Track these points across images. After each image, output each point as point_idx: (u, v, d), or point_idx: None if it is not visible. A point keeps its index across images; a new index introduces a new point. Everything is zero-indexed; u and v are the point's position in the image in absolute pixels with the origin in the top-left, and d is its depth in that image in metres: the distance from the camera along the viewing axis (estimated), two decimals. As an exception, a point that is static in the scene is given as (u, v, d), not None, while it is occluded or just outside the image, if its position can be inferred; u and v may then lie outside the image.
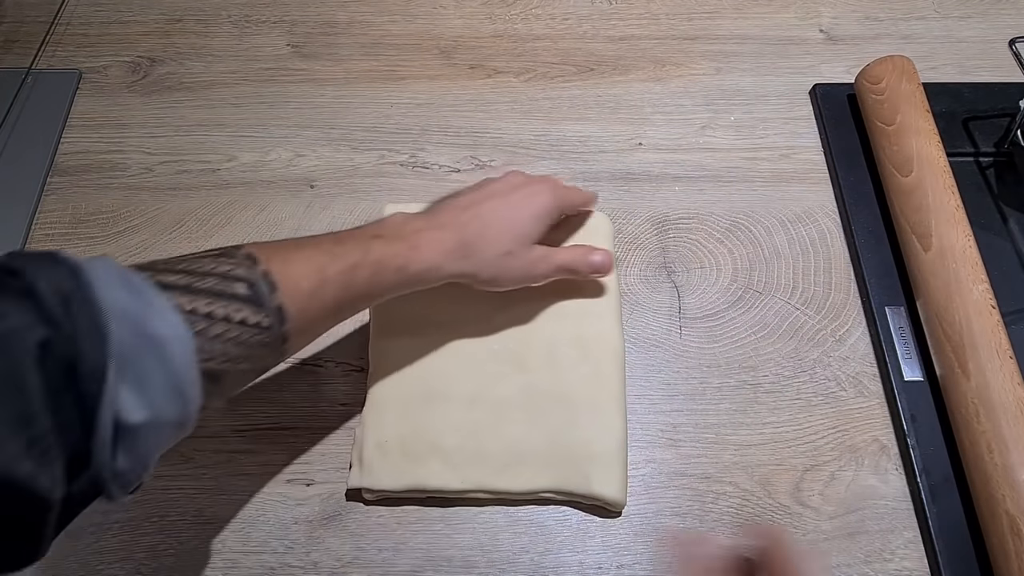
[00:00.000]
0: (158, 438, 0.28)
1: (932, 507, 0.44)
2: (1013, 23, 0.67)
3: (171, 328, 0.28)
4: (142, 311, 0.27)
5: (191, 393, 0.29)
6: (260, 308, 0.32)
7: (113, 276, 0.28)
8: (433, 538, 0.44)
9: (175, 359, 0.28)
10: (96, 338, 0.26)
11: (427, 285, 0.41)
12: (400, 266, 0.39)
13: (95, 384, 0.25)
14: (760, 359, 0.50)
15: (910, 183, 0.52)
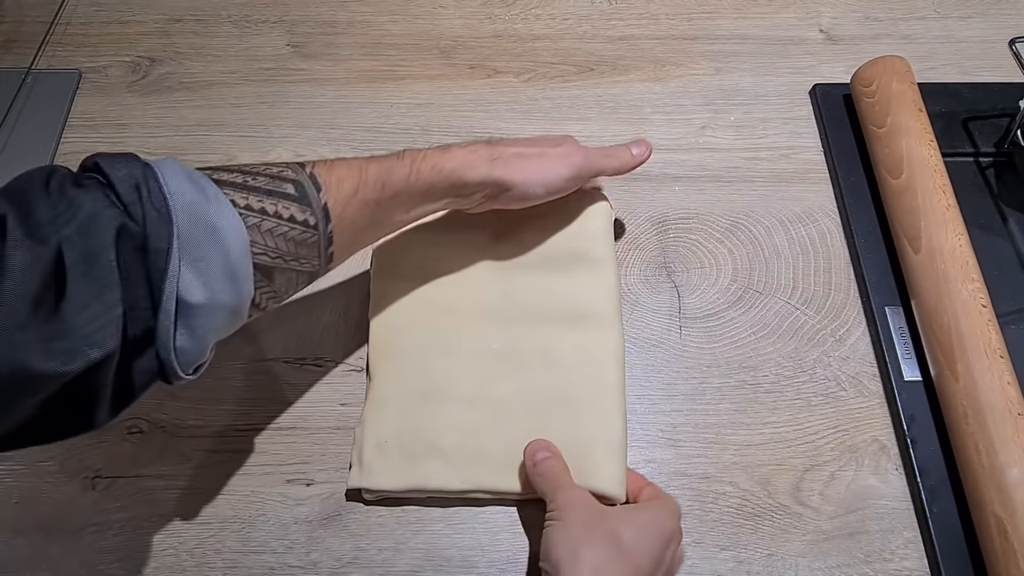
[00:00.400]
0: (214, 320, 0.31)
1: (932, 507, 0.44)
2: (1013, 23, 0.67)
3: (227, 219, 0.31)
4: (203, 202, 0.31)
5: (244, 281, 0.32)
6: (307, 206, 0.35)
7: (178, 171, 0.31)
8: (433, 538, 0.44)
9: (231, 247, 0.31)
10: (162, 222, 0.29)
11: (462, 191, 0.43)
12: (434, 164, 0.41)
13: (161, 261, 0.29)
14: (760, 359, 0.50)
15: (900, 185, 0.52)
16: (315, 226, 0.35)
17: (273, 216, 0.34)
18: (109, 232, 0.28)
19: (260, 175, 0.35)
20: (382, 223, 0.41)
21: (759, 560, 0.43)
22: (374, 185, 0.38)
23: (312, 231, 0.35)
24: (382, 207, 0.39)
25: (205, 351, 0.32)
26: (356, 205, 0.38)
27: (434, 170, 0.41)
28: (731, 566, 0.43)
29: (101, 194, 0.29)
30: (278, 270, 0.35)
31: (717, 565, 0.43)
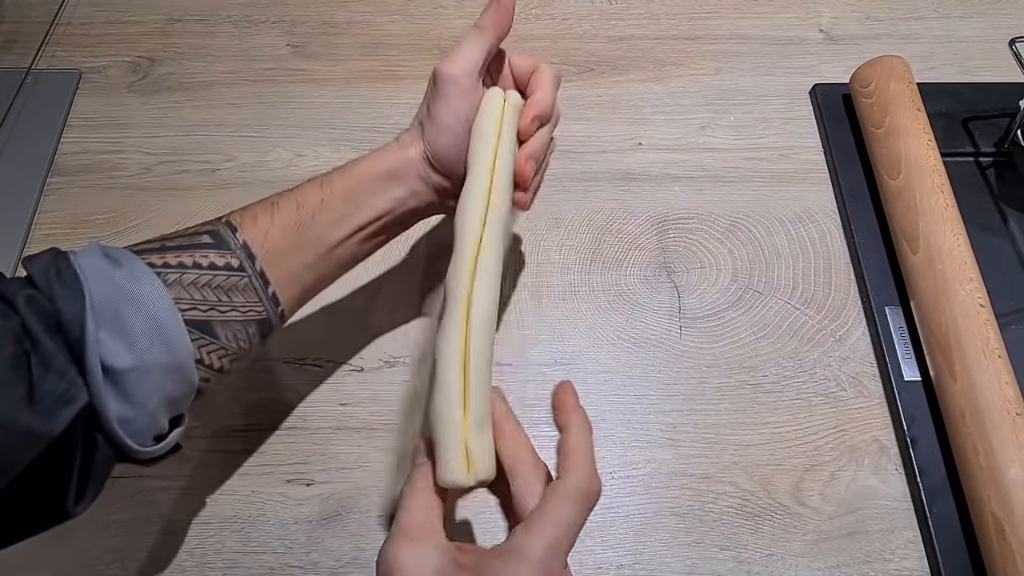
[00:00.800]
0: (150, 381, 0.30)
1: (932, 507, 0.44)
2: (1013, 23, 0.67)
3: (142, 280, 0.31)
4: (114, 270, 0.31)
5: (176, 338, 0.31)
6: (225, 249, 0.34)
7: (94, 251, 0.31)
8: (433, 538, 0.44)
9: (151, 305, 0.31)
10: (72, 296, 0.29)
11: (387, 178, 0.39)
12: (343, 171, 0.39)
13: (76, 331, 0.28)
14: (760, 359, 0.50)
15: (898, 186, 0.52)
16: (240, 267, 0.34)
17: (192, 268, 0.33)
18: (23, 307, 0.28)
19: (176, 236, 0.35)
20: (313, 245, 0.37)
21: (759, 560, 0.43)
22: (287, 210, 0.37)
23: (239, 273, 0.34)
24: (303, 228, 0.37)
25: (153, 418, 0.31)
26: (277, 234, 0.36)
27: (344, 175, 0.39)
28: (731, 566, 0.43)
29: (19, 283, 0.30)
30: (217, 323, 0.33)
31: (717, 565, 0.43)
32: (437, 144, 0.39)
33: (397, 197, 0.39)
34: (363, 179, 0.39)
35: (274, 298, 0.36)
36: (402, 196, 0.39)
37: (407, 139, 0.40)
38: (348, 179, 0.38)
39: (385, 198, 0.39)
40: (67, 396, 0.28)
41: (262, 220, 0.36)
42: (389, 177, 0.39)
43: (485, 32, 0.39)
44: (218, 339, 0.34)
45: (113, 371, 0.29)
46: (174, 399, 0.32)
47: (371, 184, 0.39)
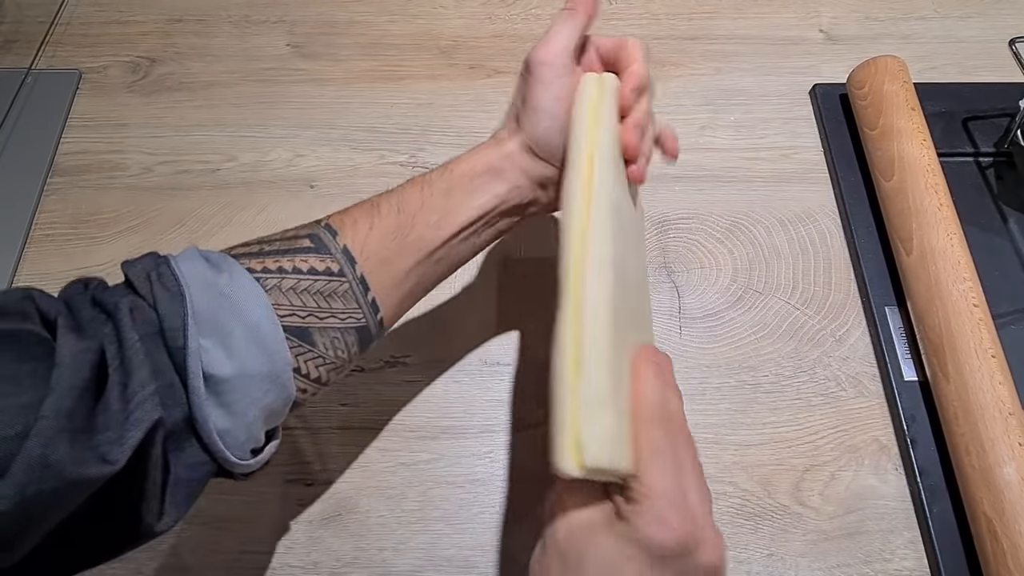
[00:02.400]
0: (250, 392, 0.30)
1: (931, 507, 0.44)
2: (1013, 23, 0.67)
3: (243, 286, 0.30)
4: (215, 275, 0.30)
5: (275, 345, 0.30)
6: (326, 254, 0.33)
7: (193, 254, 0.31)
8: (433, 538, 0.44)
9: (251, 313, 0.30)
10: (174, 300, 0.29)
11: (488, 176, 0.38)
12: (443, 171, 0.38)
13: (178, 339, 0.28)
14: (760, 359, 0.50)
15: (893, 187, 0.52)
16: (340, 272, 0.33)
17: (292, 273, 0.32)
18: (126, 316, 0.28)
19: (275, 240, 0.34)
20: (414, 249, 0.36)
21: (759, 560, 0.43)
22: (387, 213, 0.36)
23: (338, 278, 0.33)
24: (404, 231, 0.36)
25: (252, 430, 0.31)
26: (377, 238, 0.35)
27: (444, 174, 0.38)
28: (731, 566, 0.43)
29: (121, 291, 0.29)
30: (316, 330, 0.32)
31: (717, 565, 0.43)
32: (539, 129, 0.37)
33: (499, 194, 0.38)
34: (463, 178, 0.37)
35: (374, 305, 0.35)
36: (504, 192, 0.38)
37: (503, 134, 0.39)
38: (448, 179, 0.37)
39: (487, 196, 0.38)
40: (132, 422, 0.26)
41: (362, 224, 0.35)
42: (490, 174, 0.38)
43: (576, 14, 0.38)
44: (316, 347, 0.33)
45: (214, 379, 0.29)
46: (272, 410, 0.31)
47: (472, 182, 0.37)
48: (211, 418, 0.29)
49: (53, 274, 0.53)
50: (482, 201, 0.37)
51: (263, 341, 0.30)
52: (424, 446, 0.47)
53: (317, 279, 0.33)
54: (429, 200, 0.37)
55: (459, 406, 0.49)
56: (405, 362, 0.50)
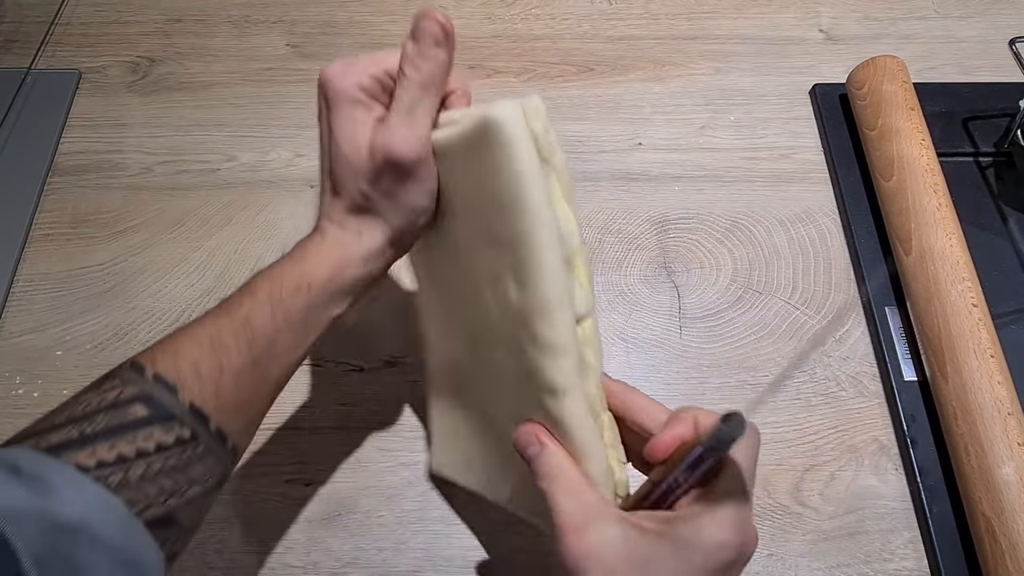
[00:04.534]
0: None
1: (931, 507, 0.44)
2: (1013, 23, 0.67)
3: (87, 500, 0.24)
4: (43, 502, 0.23)
5: (146, 556, 0.25)
6: (170, 421, 0.27)
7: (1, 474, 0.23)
8: (433, 538, 0.44)
9: (108, 534, 0.24)
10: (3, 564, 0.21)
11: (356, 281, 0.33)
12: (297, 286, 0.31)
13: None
14: (760, 359, 0.50)
15: (892, 187, 0.52)
16: (192, 436, 0.27)
17: (136, 458, 0.26)
18: None
19: (94, 413, 0.26)
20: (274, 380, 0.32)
21: (759, 560, 0.44)
22: (236, 348, 0.29)
23: (192, 444, 0.27)
24: (261, 365, 0.30)
25: None
26: (230, 383, 0.29)
27: (299, 293, 0.31)
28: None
29: None
30: (178, 509, 0.27)
31: (717, 565, 0.43)
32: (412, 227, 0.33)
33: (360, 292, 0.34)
34: (323, 292, 0.32)
35: (233, 451, 0.30)
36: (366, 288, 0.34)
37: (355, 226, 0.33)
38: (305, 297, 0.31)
39: (347, 301, 0.33)
40: None
41: (206, 369, 0.28)
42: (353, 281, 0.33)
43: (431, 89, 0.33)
44: (181, 526, 0.27)
45: None
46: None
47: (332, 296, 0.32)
48: None
49: (53, 274, 0.53)
50: (343, 307, 0.33)
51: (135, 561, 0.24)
52: (424, 446, 0.47)
53: (169, 455, 0.27)
54: (285, 324, 0.31)
55: (459, 406, 0.49)
56: (405, 362, 0.50)
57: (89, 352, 0.50)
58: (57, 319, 0.51)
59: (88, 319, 0.51)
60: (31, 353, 0.50)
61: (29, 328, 0.51)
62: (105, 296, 0.52)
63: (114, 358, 0.49)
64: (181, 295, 0.52)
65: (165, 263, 0.54)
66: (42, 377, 0.49)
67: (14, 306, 0.52)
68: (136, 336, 0.51)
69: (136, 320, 0.51)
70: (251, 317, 0.30)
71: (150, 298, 0.52)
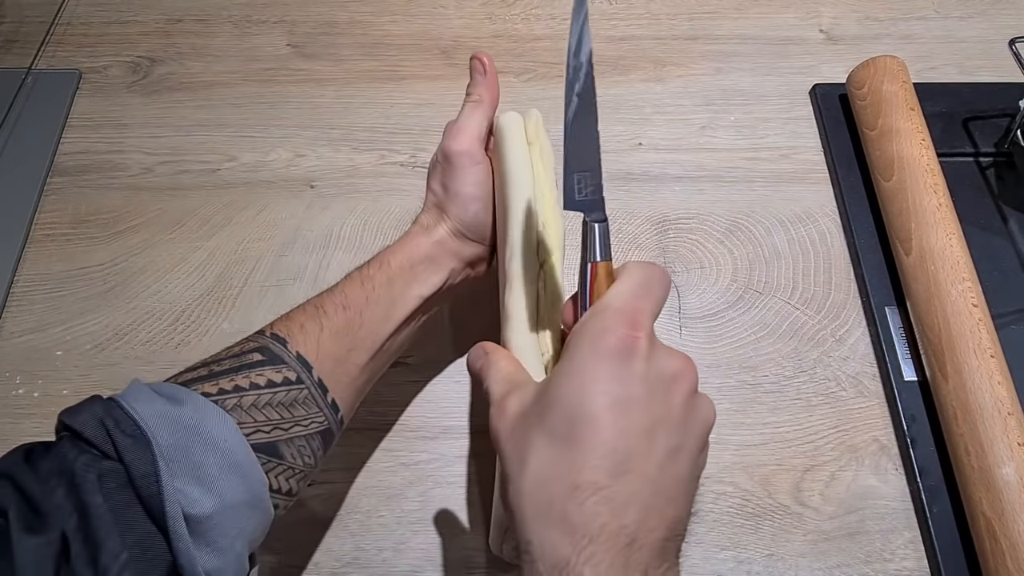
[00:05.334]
0: (234, 523, 0.29)
1: (932, 507, 0.44)
2: (1013, 23, 0.67)
3: (205, 413, 0.29)
4: (175, 409, 0.29)
5: (250, 469, 0.29)
6: (279, 364, 0.33)
7: (143, 390, 0.30)
8: (433, 538, 0.44)
9: (222, 440, 0.29)
10: (138, 446, 0.27)
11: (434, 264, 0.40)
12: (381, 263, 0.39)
13: (151, 486, 0.26)
14: (760, 359, 0.50)
15: (892, 187, 0.52)
16: (298, 380, 0.33)
17: (250, 390, 0.31)
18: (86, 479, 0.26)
19: (223, 359, 0.33)
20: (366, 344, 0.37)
21: (759, 560, 0.43)
22: (334, 312, 0.36)
23: (297, 386, 0.33)
24: (353, 327, 0.36)
25: (240, 561, 0.29)
26: (329, 338, 0.35)
27: (383, 267, 0.39)
28: (731, 566, 0.43)
29: (70, 447, 0.27)
30: (282, 442, 0.32)
31: (717, 565, 0.43)
32: (467, 215, 0.40)
33: (436, 282, 0.40)
34: (401, 270, 0.39)
35: (333, 405, 0.35)
36: (441, 279, 0.40)
37: (428, 221, 0.41)
38: (387, 272, 0.38)
39: (426, 285, 0.39)
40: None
41: (310, 327, 0.35)
42: (426, 262, 0.39)
43: (482, 104, 0.41)
44: (284, 459, 0.32)
45: (195, 519, 0.27)
46: (254, 536, 0.30)
47: (411, 272, 0.39)
48: (198, 562, 0.27)
49: (53, 274, 0.53)
50: (423, 290, 0.39)
51: (239, 467, 0.29)
52: (424, 446, 0.47)
53: (276, 391, 0.32)
54: (372, 294, 0.38)
55: (459, 406, 0.49)
56: (405, 362, 0.50)
57: (89, 352, 0.50)
58: (57, 319, 0.51)
59: (88, 319, 0.51)
60: (31, 353, 0.50)
61: (29, 328, 0.51)
62: (105, 296, 0.52)
63: (114, 358, 0.50)
64: (181, 295, 0.52)
65: (165, 263, 0.54)
66: (42, 377, 0.49)
67: (14, 306, 0.52)
68: (136, 336, 0.51)
69: (136, 320, 0.51)
70: (345, 288, 0.37)
71: (150, 298, 0.52)
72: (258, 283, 0.53)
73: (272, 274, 0.53)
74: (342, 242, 0.55)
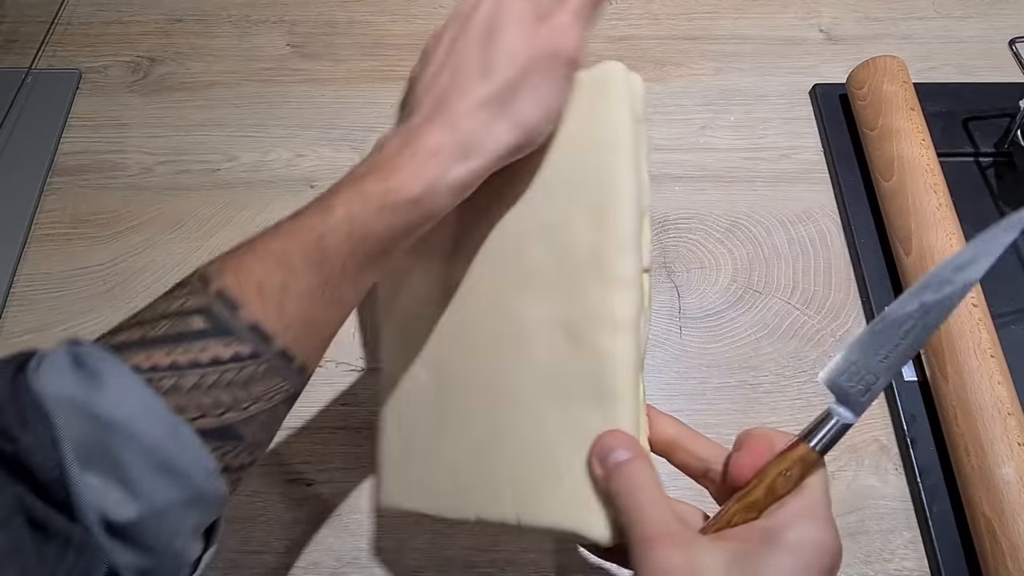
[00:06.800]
0: (167, 524, 0.25)
1: (932, 507, 0.44)
2: (1013, 23, 0.67)
3: (132, 400, 0.24)
4: (90, 393, 0.23)
5: (187, 464, 0.25)
6: (228, 336, 0.26)
7: (63, 361, 0.24)
8: (433, 538, 0.44)
9: (147, 434, 0.24)
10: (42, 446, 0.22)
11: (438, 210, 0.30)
12: (381, 205, 0.29)
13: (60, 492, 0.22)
14: (760, 359, 0.50)
15: (892, 187, 0.52)
16: (252, 355, 0.26)
17: (190, 367, 0.25)
18: None
19: (160, 319, 0.26)
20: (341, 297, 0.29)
21: (759, 560, 0.43)
22: (307, 269, 0.28)
23: (251, 361, 0.26)
24: (331, 285, 0.29)
25: (181, 556, 0.26)
26: (295, 303, 0.28)
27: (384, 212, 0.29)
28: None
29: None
30: (239, 424, 0.27)
31: (717, 565, 0.43)
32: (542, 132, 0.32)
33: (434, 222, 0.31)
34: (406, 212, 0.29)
35: (301, 368, 0.29)
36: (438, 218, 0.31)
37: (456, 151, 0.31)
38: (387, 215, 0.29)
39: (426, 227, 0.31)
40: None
41: (270, 287, 0.27)
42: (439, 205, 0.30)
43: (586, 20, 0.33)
44: (243, 439, 0.27)
45: (119, 526, 0.23)
46: (202, 523, 0.27)
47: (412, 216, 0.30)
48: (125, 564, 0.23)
49: (53, 274, 0.53)
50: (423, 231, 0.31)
51: (170, 464, 0.24)
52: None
53: (226, 369, 0.26)
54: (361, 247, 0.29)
55: (459, 406, 0.49)
56: (405, 362, 0.50)
57: (89, 352, 0.50)
58: (57, 319, 0.51)
59: (88, 319, 0.51)
60: (31, 353, 0.50)
61: (29, 328, 0.51)
62: (105, 296, 0.52)
63: (114, 358, 0.50)
64: (181, 295, 0.52)
65: (165, 263, 0.54)
66: (42, 377, 0.49)
67: (14, 306, 0.52)
68: (136, 336, 0.51)
69: (136, 320, 0.51)
70: (324, 236, 0.28)
71: (150, 298, 0.52)
72: (258, 283, 0.53)
73: (272, 274, 0.53)
74: (342, 242, 0.55)
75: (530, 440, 0.33)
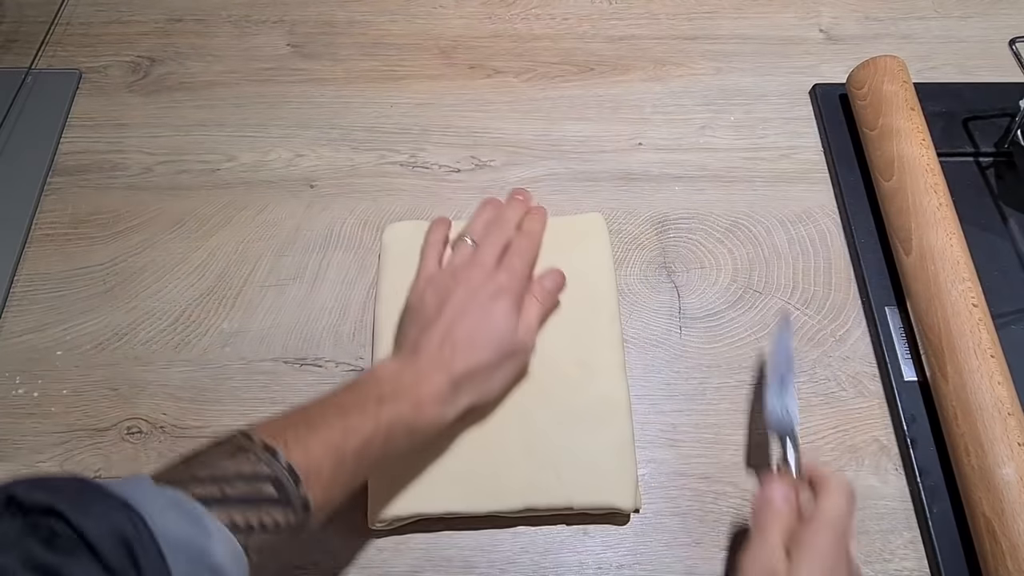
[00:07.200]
0: None
1: (932, 507, 0.44)
2: (1013, 23, 0.67)
3: (228, 554, 0.28)
4: (201, 540, 0.27)
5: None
6: (289, 506, 0.31)
7: (164, 503, 0.27)
8: (433, 538, 0.44)
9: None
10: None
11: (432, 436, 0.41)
12: (409, 429, 0.38)
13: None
14: (760, 359, 0.50)
15: (892, 187, 0.52)
16: (297, 523, 0.32)
17: (259, 530, 0.30)
18: None
19: (235, 479, 0.30)
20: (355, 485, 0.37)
21: (759, 560, 0.43)
22: (352, 463, 0.35)
23: (297, 529, 0.32)
24: (358, 477, 0.37)
25: None
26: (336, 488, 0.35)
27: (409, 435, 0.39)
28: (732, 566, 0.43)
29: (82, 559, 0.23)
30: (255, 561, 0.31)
31: (717, 565, 0.43)
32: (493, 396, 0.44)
33: None
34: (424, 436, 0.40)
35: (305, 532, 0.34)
36: None
37: None
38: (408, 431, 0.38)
39: None
40: None
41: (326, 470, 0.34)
42: None
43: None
44: None
45: None
46: None
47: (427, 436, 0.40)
48: None
49: (53, 274, 0.53)
50: None
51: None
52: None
53: (280, 532, 0.31)
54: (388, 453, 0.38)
55: (459, 406, 0.49)
56: (405, 362, 0.50)
57: (89, 352, 0.50)
58: (57, 319, 0.51)
59: (88, 319, 0.51)
60: (31, 353, 0.50)
61: (29, 328, 0.51)
62: (105, 296, 0.52)
63: (114, 358, 0.50)
64: (181, 295, 0.52)
65: (165, 263, 0.54)
66: (42, 377, 0.49)
67: (14, 306, 0.52)
68: (136, 336, 0.51)
69: (136, 320, 0.51)
70: (372, 441, 0.36)
71: (150, 298, 0.52)
72: (258, 283, 0.53)
73: (272, 274, 0.53)
74: (342, 242, 0.55)
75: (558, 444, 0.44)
